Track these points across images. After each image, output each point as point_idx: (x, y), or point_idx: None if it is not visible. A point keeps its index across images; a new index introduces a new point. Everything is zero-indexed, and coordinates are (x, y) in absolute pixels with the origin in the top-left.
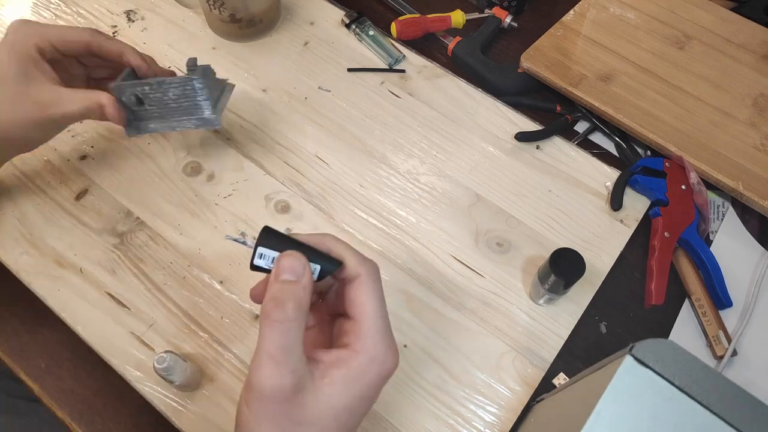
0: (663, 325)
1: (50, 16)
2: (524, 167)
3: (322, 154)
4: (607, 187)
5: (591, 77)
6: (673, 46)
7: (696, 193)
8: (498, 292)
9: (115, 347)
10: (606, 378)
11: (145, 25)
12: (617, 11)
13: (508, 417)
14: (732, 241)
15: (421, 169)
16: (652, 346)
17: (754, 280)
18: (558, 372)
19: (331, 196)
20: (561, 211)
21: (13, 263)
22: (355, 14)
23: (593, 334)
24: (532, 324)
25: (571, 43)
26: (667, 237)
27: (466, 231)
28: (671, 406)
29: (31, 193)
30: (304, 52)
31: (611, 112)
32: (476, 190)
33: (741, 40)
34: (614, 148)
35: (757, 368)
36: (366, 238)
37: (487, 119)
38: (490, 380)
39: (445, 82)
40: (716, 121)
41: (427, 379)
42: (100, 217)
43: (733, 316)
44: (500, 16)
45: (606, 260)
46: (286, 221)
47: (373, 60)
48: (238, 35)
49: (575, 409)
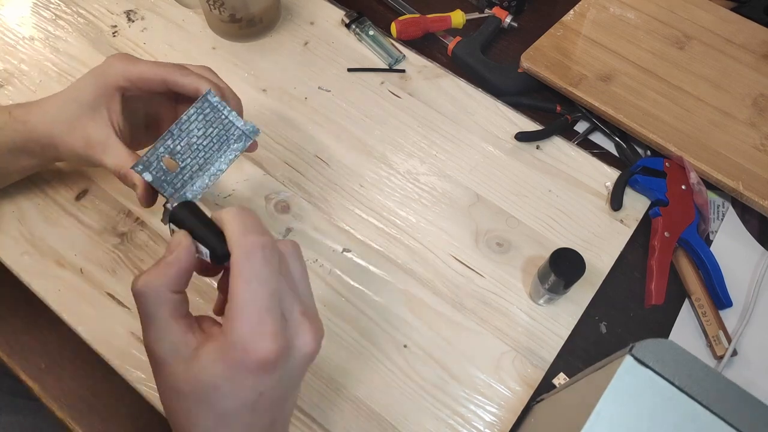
0: (663, 325)
1: (50, 16)
2: (524, 167)
3: (322, 154)
4: (607, 187)
5: (591, 77)
6: (673, 46)
7: (696, 193)
8: (498, 292)
9: (115, 347)
10: (606, 378)
11: (145, 25)
12: (617, 11)
13: (508, 417)
14: (732, 241)
15: (421, 169)
16: (652, 346)
17: (754, 280)
18: (558, 372)
19: (331, 196)
20: (561, 211)
21: (13, 263)
22: (355, 14)
23: (593, 334)
24: (532, 324)
25: (571, 43)
26: (667, 237)
27: (466, 231)
28: (671, 406)
29: (31, 193)
30: (304, 52)
31: (611, 112)
32: (476, 190)
33: (741, 40)
34: (614, 148)
35: (757, 368)
36: (366, 238)
37: (487, 119)
38: (490, 380)
39: (445, 82)
40: (716, 121)
41: (427, 379)
42: (100, 217)
43: (733, 316)
44: (500, 16)
45: (606, 260)
46: (286, 221)
47: (373, 60)
48: (238, 35)
49: (575, 409)
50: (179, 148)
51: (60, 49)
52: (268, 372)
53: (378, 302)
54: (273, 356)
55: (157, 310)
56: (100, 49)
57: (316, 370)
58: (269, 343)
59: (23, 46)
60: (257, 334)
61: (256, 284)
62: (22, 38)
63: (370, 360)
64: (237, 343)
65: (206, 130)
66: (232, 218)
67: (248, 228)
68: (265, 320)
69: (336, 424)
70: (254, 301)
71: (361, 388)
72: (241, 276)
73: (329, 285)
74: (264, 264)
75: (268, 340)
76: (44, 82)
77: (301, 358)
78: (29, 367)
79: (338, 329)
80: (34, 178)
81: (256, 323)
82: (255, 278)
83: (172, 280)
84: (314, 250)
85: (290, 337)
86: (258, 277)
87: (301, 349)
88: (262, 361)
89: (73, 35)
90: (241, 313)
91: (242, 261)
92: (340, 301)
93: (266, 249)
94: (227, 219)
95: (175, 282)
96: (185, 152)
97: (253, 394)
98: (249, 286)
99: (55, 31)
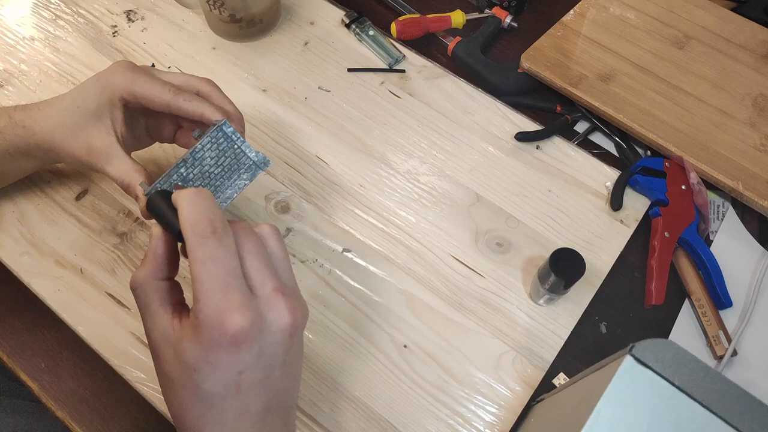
0: (663, 325)
1: (50, 16)
2: (524, 167)
3: (322, 154)
4: (607, 187)
5: (591, 77)
6: (673, 46)
7: (696, 193)
8: (498, 292)
9: (115, 347)
10: (606, 378)
11: (145, 25)
12: (617, 11)
13: (508, 417)
14: (732, 241)
15: (421, 169)
16: (652, 346)
17: (754, 280)
18: (558, 372)
19: (331, 196)
20: (561, 211)
21: (13, 263)
22: (355, 14)
23: (593, 334)
24: (532, 324)
25: (571, 43)
26: (667, 237)
27: (466, 231)
28: (671, 406)
29: (31, 193)
30: (304, 52)
31: (611, 112)
32: (476, 190)
33: (741, 40)
34: (614, 148)
35: (757, 368)
36: (366, 238)
37: (487, 119)
38: (490, 380)
39: (445, 82)
40: (716, 121)
41: (427, 379)
42: (100, 217)
43: (733, 316)
44: (500, 16)
45: (606, 260)
46: (286, 221)
47: (373, 60)
48: (238, 35)
49: (575, 409)
50: (192, 176)
51: (60, 49)
52: (241, 347)
53: (378, 302)
54: (243, 330)
55: (148, 301)
56: (100, 49)
57: (316, 370)
58: (236, 317)
59: (23, 46)
60: (223, 311)
61: (212, 264)
62: (22, 38)
63: (370, 360)
64: (205, 321)
65: (219, 159)
66: (184, 203)
67: (198, 211)
68: (228, 296)
69: (336, 424)
70: (213, 279)
71: (361, 388)
72: (196, 259)
73: (329, 285)
74: (217, 245)
75: (235, 315)
76: (44, 82)
77: (277, 333)
78: (29, 367)
79: (338, 329)
80: (34, 178)
81: (219, 300)
82: (209, 259)
83: (154, 269)
84: (314, 250)
85: (261, 311)
86: (212, 258)
87: (275, 323)
88: (233, 336)
89: (73, 35)
90: (203, 294)
91: (194, 245)
92: (340, 301)
93: (217, 230)
94: (179, 204)
95: (158, 270)
96: (197, 180)
97: (231, 373)
98: (205, 267)
99: (55, 31)
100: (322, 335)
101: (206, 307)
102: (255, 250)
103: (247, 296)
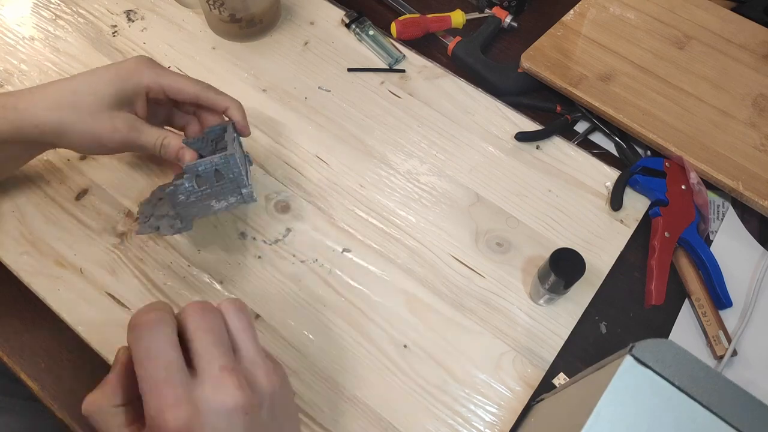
0: (663, 325)
1: (50, 16)
2: (524, 167)
3: (322, 154)
4: (607, 187)
5: (591, 77)
6: (673, 46)
7: (696, 193)
8: (498, 292)
9: (115, 347)
10: (606, 378)
11: (145, 25)
12: (617, 11)
13: (508, 417)
14: (732, 241)
15: (421, 169)
16: (652, 346)
17: (754, 280)
18: (558, 372)
19: (331, 196)
20: (561, 211)
21: (13, 263)
22: (355, 14)
23: (593, 334)
24: (532, 324)
25: (571, 43)
26: (667, 237)
27: (466, 231)
28: (671, 406)
29: (31, 193)
30: (304, 52)
31: (611, 112)
32: (476, 190)
33: (741, 40)
34: (614, 148)
35: (757, 368)
36: (366, 238)
37: (487, 119)
38: (490, 380)
39: (445, 82)
40: (716, 121)
41: (427, 379)
42: (100, 217)
43: (733, 316)
44: (500, 16)
45: (606, 260)
46: (286, 221)
47: (373, 60)
48: (238, 35)
49: (575, 409)
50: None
51: (60, 49)
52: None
53: (378, 302)
54: (182, 426)
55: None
56: (100, 49)
57: (316, 370)
58: (171, 414)
59: (23, 46)
60: (160, 409)
61: (147, 361)
62: (22, 38)
63: (370, 360)
64: (150, 424)
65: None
66: None
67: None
68: (164, 393)
69: (336, 424)
70: (150, 378)
71: (361, 388)
72: (135, 358)
73: (329, 285)
74: (151, 340)
75: (170, 411)
76: (44, 81)
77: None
78: (29, 367)
79: (338, 329)
80: (34, 177)
81: (156, 398)
82: (145, 356)
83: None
84: (314, 250)
85: (205, 397)
86: (148, 355)
87: (222, 405)
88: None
89: (73, 35)
90: (144, 393)
91: (132, 344)
92: (340, 301)
93: (151, 326)
94: None
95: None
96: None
97: None
98: (142, 365)
99: (55, 31)
100: (322, 335)
101: (148, 408)
102: (208, 328)
103: (185, 388)
